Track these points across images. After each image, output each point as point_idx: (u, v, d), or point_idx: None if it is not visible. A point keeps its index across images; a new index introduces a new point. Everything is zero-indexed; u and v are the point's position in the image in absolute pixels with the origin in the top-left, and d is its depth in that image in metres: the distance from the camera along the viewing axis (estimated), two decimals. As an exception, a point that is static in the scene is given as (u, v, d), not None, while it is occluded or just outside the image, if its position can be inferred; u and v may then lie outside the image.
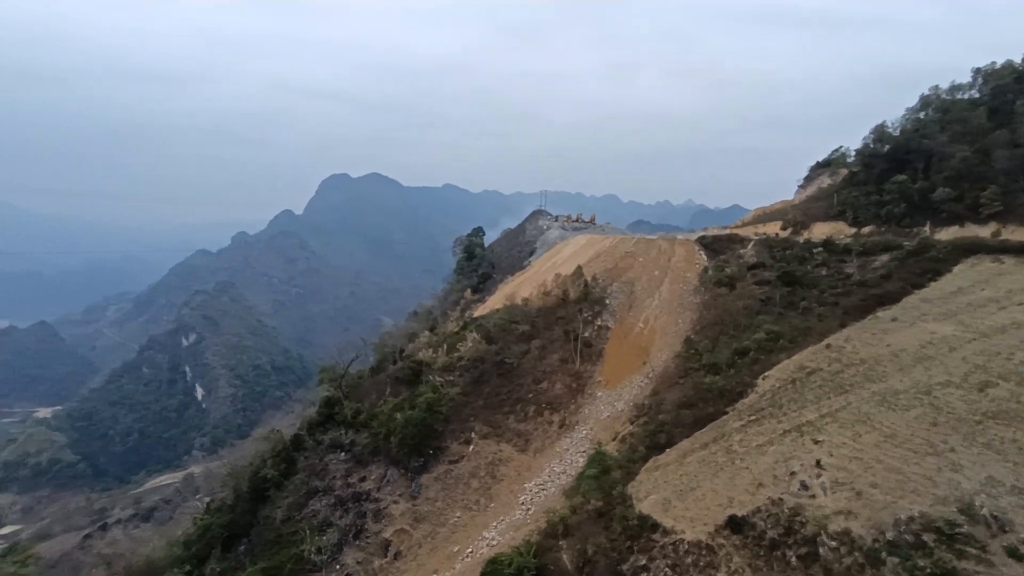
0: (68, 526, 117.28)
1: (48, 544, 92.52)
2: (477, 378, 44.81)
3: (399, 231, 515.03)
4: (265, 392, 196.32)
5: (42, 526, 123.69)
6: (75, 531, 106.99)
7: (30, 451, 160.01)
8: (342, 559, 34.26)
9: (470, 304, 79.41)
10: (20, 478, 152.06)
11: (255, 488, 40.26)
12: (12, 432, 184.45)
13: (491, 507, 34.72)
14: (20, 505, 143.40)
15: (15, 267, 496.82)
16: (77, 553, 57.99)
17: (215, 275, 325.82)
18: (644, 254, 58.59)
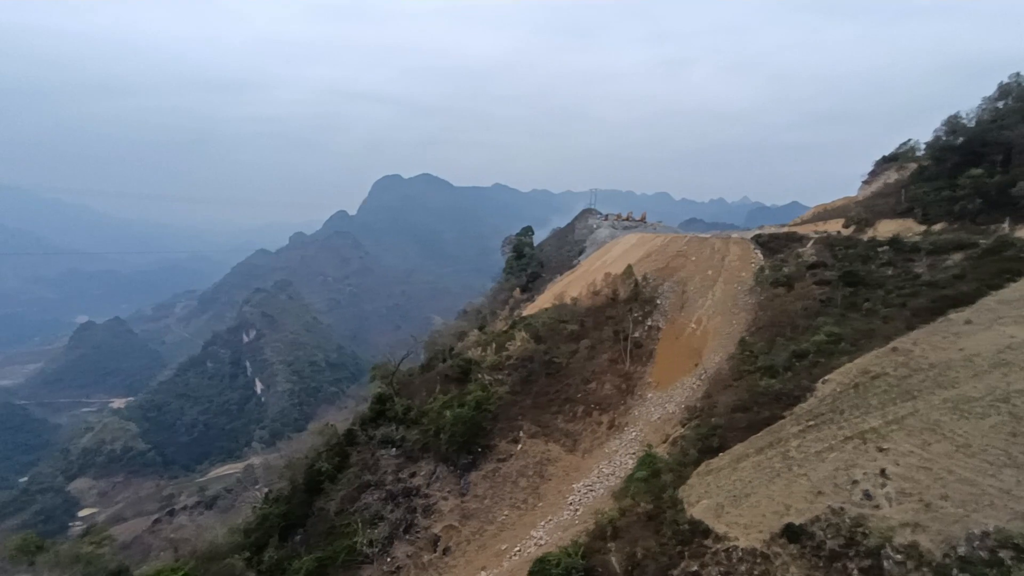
0: (139, 511, 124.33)
1: (121, 527, 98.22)
2: (526, 377, 44.85)
3: (449, 231, 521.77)
4: (320, 387, 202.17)
5: (116, 510, 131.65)
6: (145, 516, 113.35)
7: (106, 439, 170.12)
8: (392, 552, 34.91)
9: (519, 303, 79.53)
10: (97, 464, 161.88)
11: (310, 480, 41.48)
12: (90, 421, 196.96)
13: (539, 506, 34.69)
14: (97, 489, 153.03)
15: (93, 266, 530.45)
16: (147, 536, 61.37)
17: (274, 274, 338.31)
18: (697, 253, 57.24)
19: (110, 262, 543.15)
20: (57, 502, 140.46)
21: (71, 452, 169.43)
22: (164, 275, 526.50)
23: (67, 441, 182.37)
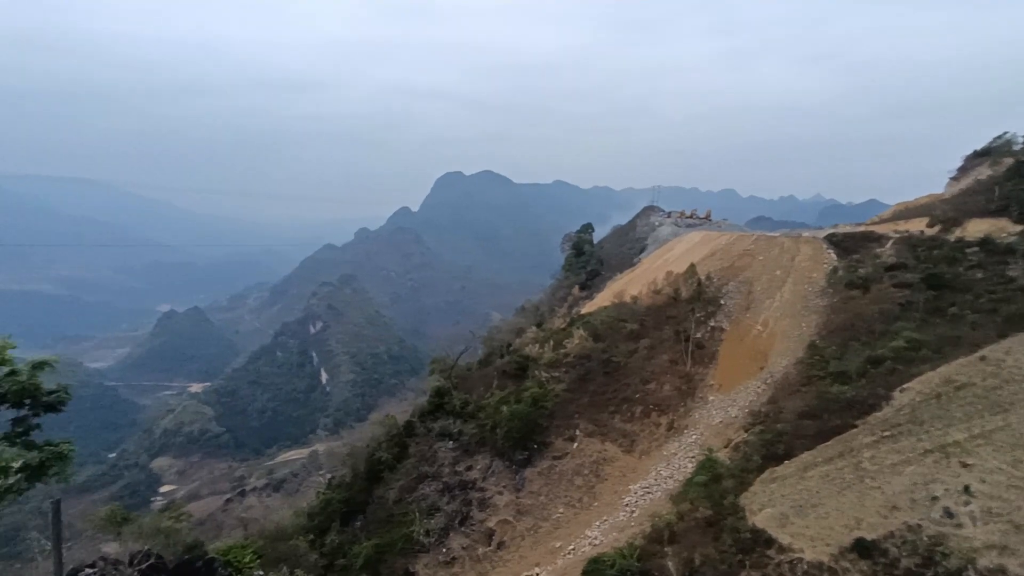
0: (213, 490, 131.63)
1: (197, 504, 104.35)
2: (583, 375, 44.49)
3: (509, 227, 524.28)
4: (381, 379, 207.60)
5: (192, 488, 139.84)
6: (219, 495, 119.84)
7: (184, 421, 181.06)
8: (448, 543, 35.44)
9: (577, 301, 79.00)
10: (176, 444, 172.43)
11: (371, 469, 42.68)
12: (171, 403, 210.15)
13: (594, 506, 34.38)
14: (176, 468, 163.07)
15: (174, 258, 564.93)
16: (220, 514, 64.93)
17: (339, 268, 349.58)
18: (764, 252, 55.10)
19: (188, 254, 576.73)
20: (141, 478, 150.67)
21: (154, 432, 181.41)
22: (238, 267, 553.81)
23: (150, 422, 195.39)
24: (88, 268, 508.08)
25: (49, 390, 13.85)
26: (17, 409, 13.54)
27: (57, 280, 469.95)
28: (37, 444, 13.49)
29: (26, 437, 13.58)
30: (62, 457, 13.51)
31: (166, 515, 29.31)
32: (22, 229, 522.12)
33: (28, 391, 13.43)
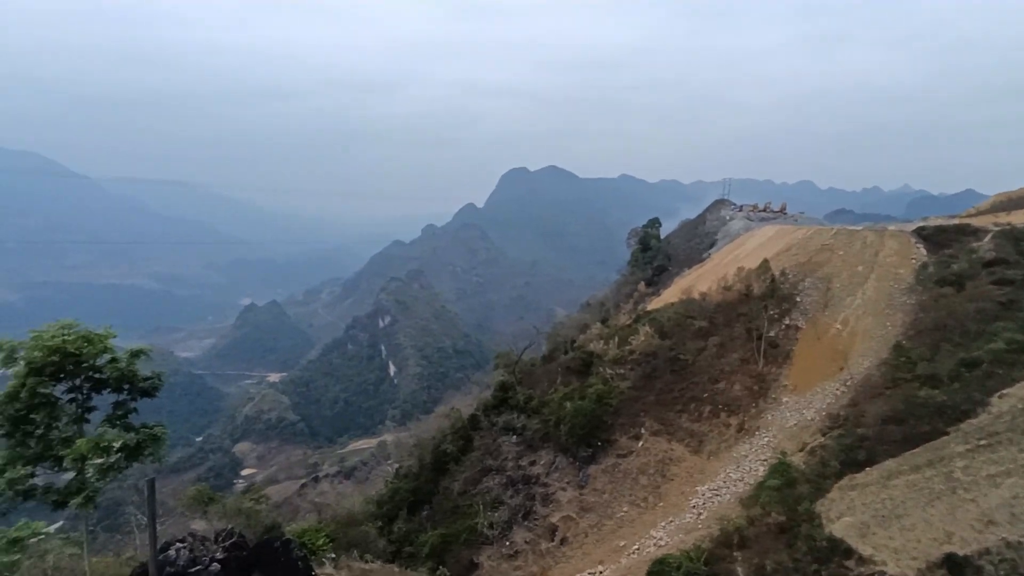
0: (290, 475, 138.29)
1: (274, 488, 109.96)
2: (649, 373, 43.67)
3: (574, 223, 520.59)
4: (447, 373, 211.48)
5: (270, 472, 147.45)
6: (294, 480, 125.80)
7: (264, 409, 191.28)
8: (511, 537, 35.73)
9: (643, 297, 77.53)
10: (256, 431, 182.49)
11: (437, 460, 43.60)
12: (251, 392, 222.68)
13: (660, 506, 33.73)
14: (256, 453, 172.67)
15: (254, 254, 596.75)
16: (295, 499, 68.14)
17: (407, 264, 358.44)
18: (845, 247, 52.12)
19: (268, 251, 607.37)
20: (225, 461, 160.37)
21: (236, 418, 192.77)
22: (312, 263, 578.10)
23: (233, 409, 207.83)
24: (179, 264, 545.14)
25: (145, 377, 14.95)
26: (117, 393, 14.70)
27: (152, 275, 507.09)
28: (134, 426, 14.61)
29: (125, 420, 14.73)
30: (156, 439, 14.58)
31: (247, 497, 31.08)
32: (123, 228, 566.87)
33: (127, 377, 14.55)
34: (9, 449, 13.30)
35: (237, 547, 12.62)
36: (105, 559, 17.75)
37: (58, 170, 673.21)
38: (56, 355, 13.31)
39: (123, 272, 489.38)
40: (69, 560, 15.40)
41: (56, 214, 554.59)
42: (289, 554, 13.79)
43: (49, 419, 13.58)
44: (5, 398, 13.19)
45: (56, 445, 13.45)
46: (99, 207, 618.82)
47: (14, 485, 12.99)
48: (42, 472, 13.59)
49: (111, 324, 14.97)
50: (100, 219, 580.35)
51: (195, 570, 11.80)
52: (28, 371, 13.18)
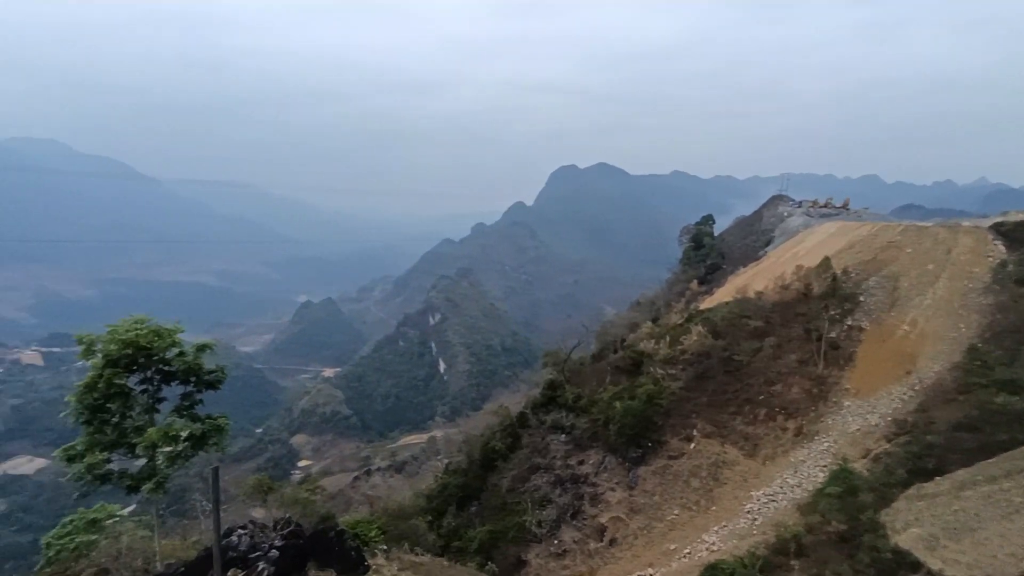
0: (343, 467, 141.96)
1: (329, 479, 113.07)
2: (701, 373, 42.67)
3: (624, 220, 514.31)
4: (495, 370, 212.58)
5: (325, 464, 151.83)
6: (348, 472, 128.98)
7: (319, 402, 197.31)
8: (560, 535, 35.62)
9: (696, 296, 75.82)
10: (311, 423, 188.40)
11: (485, 457, 43.88)
12: (307, 386, 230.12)
13: (712, 510, 32.93)
14: (311, 445, 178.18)
15: (308, 253, 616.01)
16: (348, 491, 69.79)
17: (457, 262, 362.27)
18: (914, 244, 49.50)
19: (321, 249, 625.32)
20: (282, 452, 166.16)
21: (293, 411, 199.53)
22: (365, 261, 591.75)
23: (290, 402, 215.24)
24: (239, 262, 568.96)
25: (209, 370, 15.66)
26: (184, 385, 15.46)
27: (214, 273, 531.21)
28: (200, 417, 15.33)
29: (191, 411, 15.48)
30: (220, 429, 15.26)
31: (303, 487, 32.12)
32: (188, 228, 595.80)
33: (193, 370, 15.28)
34: (88, 436, 14.18)
35: (294, 535, 13.07)
36: (173, 542, 18.67)
37: (129, 173, 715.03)
38: (130, 348, 14.10)
39: (187, 270, 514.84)
40: (141, 542, 16.26)
41: (127, 215, 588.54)
42: (343, 544, 14.18)
43: (123, 408, 14.40)
44: (84, 388, 14.06)
45: (130, 433, 14.26)
46: (166, 208, 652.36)
47: (92, 469, 13.84)
48: (117, 458, 14.43)
49: (178, 319, 15.75)
50: (167, 219, 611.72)
51: (255, 556, 12.29)
52: (105, 363, 14.01)
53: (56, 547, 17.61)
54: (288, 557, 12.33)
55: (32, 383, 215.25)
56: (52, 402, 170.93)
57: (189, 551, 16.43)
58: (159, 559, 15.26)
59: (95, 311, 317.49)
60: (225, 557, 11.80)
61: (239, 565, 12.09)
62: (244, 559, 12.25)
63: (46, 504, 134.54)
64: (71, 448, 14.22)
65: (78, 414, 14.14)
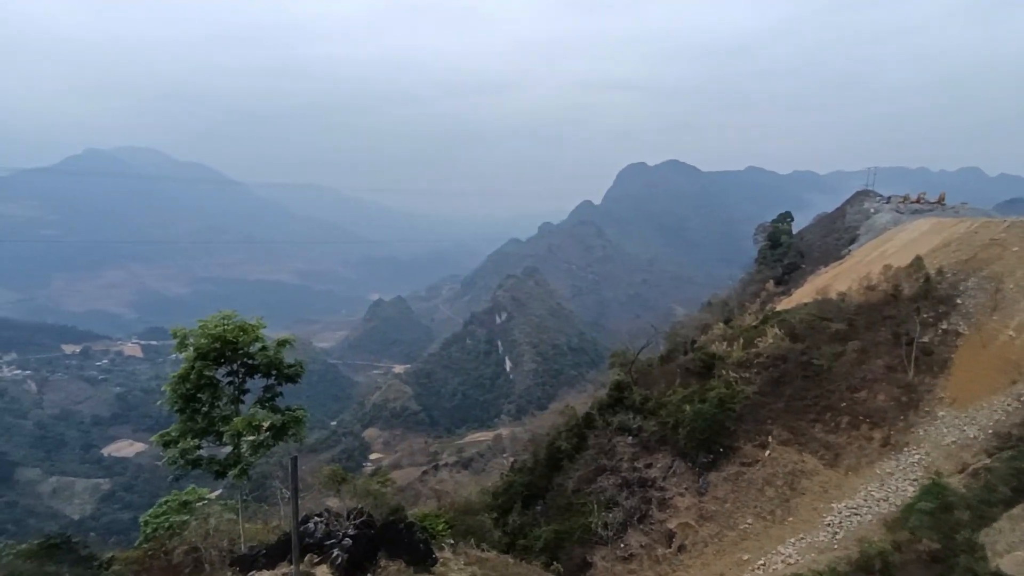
0: (412, 461, 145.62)
1: (398, 473, 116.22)
2: (777, 378, 40.83)
3: (695, 218, 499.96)
4: (562, 370, 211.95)
5: (395, 458, 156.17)
6: (416, 466, 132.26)
7: (389, 398, 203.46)
8: (626, 539, 35.06)
9: (772, 297, 72.73)
10: (382, 418, 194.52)
11: (551, 456, 43.81)
12: (378, 382, 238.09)
13: (789, 521, 31.45)
14: (382, 439, 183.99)
15: (380, 253, 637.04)
16: (417, 484, 71.53)
17: (523, 261, 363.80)
18: (1021, 242, 45.34)
19: (393, 249, 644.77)
20: (355, 445, 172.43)
21: (365, 406, 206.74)
22: (433, 261, 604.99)
23: (362, 396, 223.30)
24: (316, 262, 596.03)
25: (289, 364, 16.48)
26: (266, 378, 16.34)
27: (294, 271, 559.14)
28: (280, 409, 16.16)
29: (272, 402, 16.35)
30: (298, 421, 16.04)
31: (374, 479, 33.19)
32: (269, 229, 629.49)
33: (274, 364, 16.13)
34: (181, 423, 15.26)
35: (366, 525, 13.52)
36: (255, 526, 19.77)
37: (218, 178, 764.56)
38: (218, 342, 15.05)
39: (270, 269, 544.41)
40: (227, 524, 17.33)
41: (216, 217, 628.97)
42: (412, 536, 14.53)
43: (212, 399, 15.41)
44: (178, 379, 15.15)
45: (217, 422, 15.24)
46: (250, 210, 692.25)
47: (185, 455, 14.90)
48: (206, 445, 15.45)
49: (261, 315, 16.67)
50: (251, 221, 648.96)
51: (330, 543, 12.81)
52: (196, 356, 15.03)
53: (153, 525, 19.08)
54: (360, 546, 12.77)
55: (133, 373, 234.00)
56: (150, 391, 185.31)
57: (269, 535, 17.35)
58: (243, 541, 16.21)
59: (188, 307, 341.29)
60: (302, 543, 12.36)
61: (315, 551, 12.65)
62: (320, 545, 12.80)
63: (144, 485, 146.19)
64: (166, 434, 15.36)
65: (172, 403, 15.25)
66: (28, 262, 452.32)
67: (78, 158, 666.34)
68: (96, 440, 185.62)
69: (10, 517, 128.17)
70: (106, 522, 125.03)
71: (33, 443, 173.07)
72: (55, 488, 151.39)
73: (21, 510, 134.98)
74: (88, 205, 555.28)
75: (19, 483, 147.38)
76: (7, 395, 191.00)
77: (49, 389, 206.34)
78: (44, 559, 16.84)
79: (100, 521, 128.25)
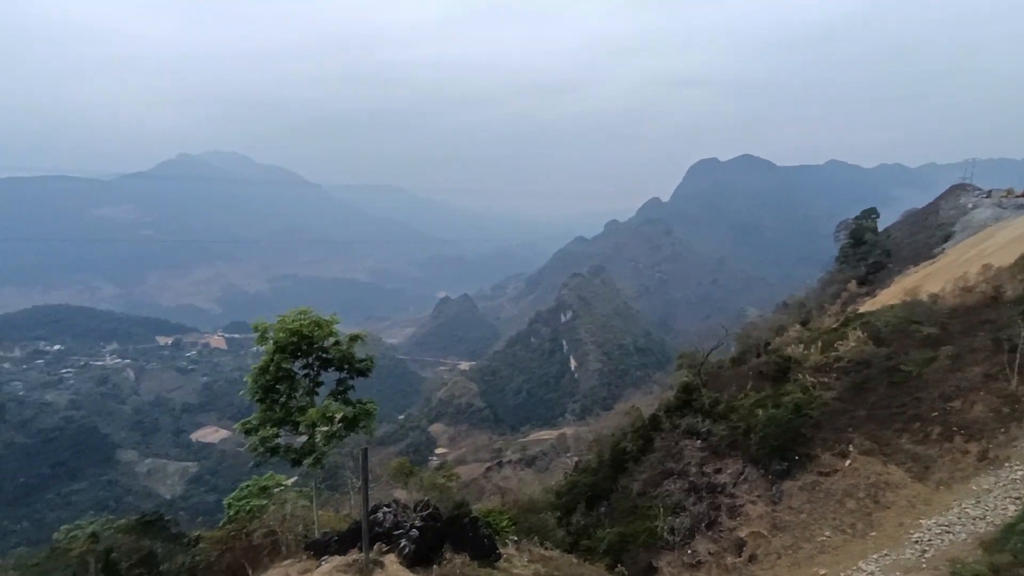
0: (476, 457, 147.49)
1: (463, 468, 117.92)
2: (859, 384, 38.52)
3: (769, 216, 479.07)
4: (627, 370, 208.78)
5: (459, 453, 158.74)
6: (480, 462, 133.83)
7: (455, 394, 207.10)
8: (693, 545, 34.10)
9: (854, 298, 68.79)
10: (448, 413, 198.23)
11: (615, 458, 43.26)
12: (444, 378, 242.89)
13: (871, 535, 29.62)
14: (447, 434, 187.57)
15: (448, 252, 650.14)
16: (481, 480, 72.38)
17: (589, 260, 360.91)
18: None
19: (460, 248, 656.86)
20: (422, 439, 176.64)
21: (431, 401, 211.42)
22: (500, 260, 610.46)
23: (429, 392, 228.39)
24: (387, 260, 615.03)
25: (360, 359, 17.08)
26: (339, 372, 17.00)
27: (366, 270, 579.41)
28: (352, 401, 16.77)
29: (344, 395, 16.99)
30: (368, 414, 16.61)
31: (440, 473, 33.89)
32: (344, 229, 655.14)
33: (346, 358, 16.76)
34: (261, 413, 16.12)
35: (432, 518, 13.81)
36: (328, 513, 20.62)
37: (295, 180, 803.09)
38: (295, 336, 15.80)
39: (343, 267, 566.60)
40: (302, 510, 18.16)
41: (294, 217, 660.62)
42: (477, 530, 14.73)
43: (289, 390, 16.19)
44: (258, 370, 16.02)
45: (294, 412, 15.98)
46: (326, 211, 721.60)
47: (264, 442, 15.72)
48: (284, 434, 16.24)
49: (334, 311, 17.35)
50: (327, 221, 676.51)
51: (398, 533, 13.17)
52: (275, 349, 15.84)
53: (235, 507, 20.26)
54: (427, 537, 13.06)
55: (218, 364, 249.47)
56: (233, 381, 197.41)
57: (341, 523, 18.04)
58: (316, 527, 16.93)
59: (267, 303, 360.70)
60: (371, 532, 12.77)
61: (383, 540, 13.04)
62: (388, 535, 13.18)
63: (228, 469, 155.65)
64: (248, 422, 16.27)
65: (253, 393, 16.13)
66: (128, 260, 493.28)
67: (171, 163, 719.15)
68: (185, 426, 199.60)
69: (111, 495, 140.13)
70: (194, 503, 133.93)
71: (131, 427, 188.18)
72: (149, 469, 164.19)
73: (120, 488, 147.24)
74: (180, 207, 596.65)
75: (119, 463, 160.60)
76: (109, 382, 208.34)
77: (145, 377, 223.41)
78: (140, 534, 18.29)
79: (189, 501, 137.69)
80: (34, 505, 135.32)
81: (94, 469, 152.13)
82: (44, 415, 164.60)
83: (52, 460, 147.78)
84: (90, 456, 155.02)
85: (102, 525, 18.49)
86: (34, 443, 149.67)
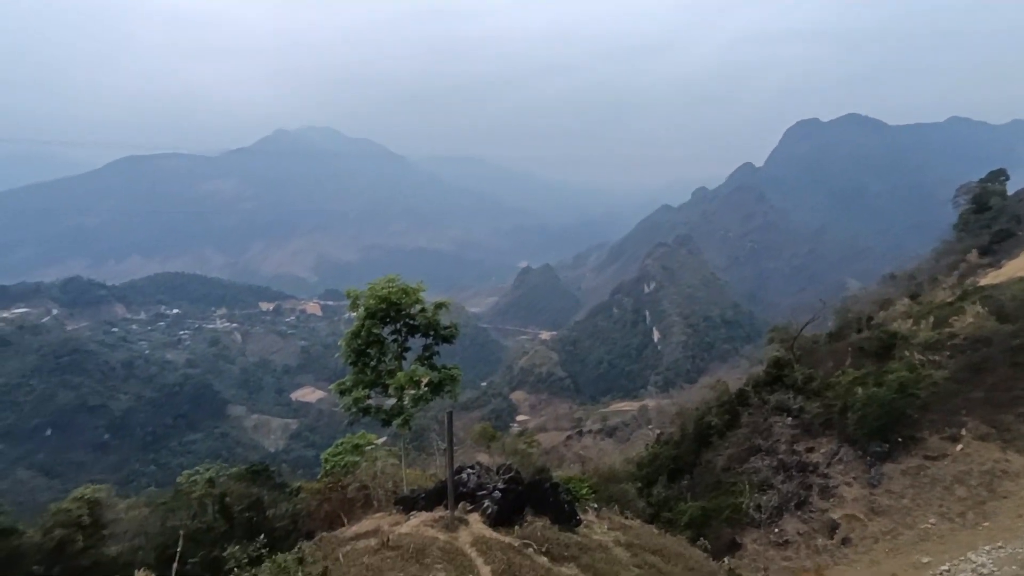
0: (557, 425, 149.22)
1: (543, 435, 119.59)
2: (977, 363, 35.28)
3: (877, 181, 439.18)
4: (713, 343, 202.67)
5: (540, 421, 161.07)
6: (560, 431, 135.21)
7: (536, 363, 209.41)
8: (781, 524, 32.99)
9: (975, 269, 62.66)
10: (529, 382, 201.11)
11: (699, 432, 42.33)
12: (526, 347, 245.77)
13: (984, 526, 27.42)
14: (528, 402, 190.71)
15: (531, 221, 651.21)
16: (561, 448, 73.26)
17: (675, 229, 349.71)
18: None
19: (543, 218, 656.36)
20: (503, 406, 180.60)
21: (513, 369, 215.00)
22: (582, 230, 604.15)
23: (511, 360, 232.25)
24: (470, 231, 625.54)
25: (445, 326, 17.62)
26: (425, 338, 17.63)
27: (450, 240, 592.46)
28: (437, 367, 17.39)
29: (430, 360, 17.64)
30: (453, 379, 17.18)
31: (521, 440, 34.64)
32: (430, 200, 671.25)
33: (432, 325, 17.34)
34: (354, 375, 17.07)
35: (514, 481, 14.17)
36: (414, 472, 21.65)
37: (384, 153, 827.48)
38: (384, 303, 16.51)
39: (429, 237, 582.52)
40: (391, 468, 19.18)
41: (382, 189, 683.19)
42: (557, 496, 14.97)
43: (379, 354, 17.01)
44: (351, 335, 16.92)
45: (384, 375, 16.80)
46: (412, 182, 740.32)
47: (357, 403, 16.67)
48: (375, 395, 17.13)
49: (420, 280, 17.93)
50: (412, 192, 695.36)
51: (481, 493, 13.64)
52: (366, 315, 16.64)
53: (331, 463, 21.71)
54: (509, 499, 13.43)
55: (314, 329, 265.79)
56: (328, 346, 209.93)
57: (427, 481, 18.90)
58: (405, 484, 17.84)
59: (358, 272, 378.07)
60: (456, 491, 13.31)
61: (467, 500, 13.56)
62: (472, 495, 13.69)
63: (324, 427, 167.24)
64: (342, 384, 17.29)
65: (346, 356, 17.09)
66: (233, 231, 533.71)
67: (269, 139, 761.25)
68: (286, 386, 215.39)
69: (223, 445, 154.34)
70: (295, 456, 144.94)
71: (239, 385, 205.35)
72: (255, 424, 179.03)
73: (231, 440, 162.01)
74: (277, 180, 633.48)
75: (229, 417, 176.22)
76: (220, 343, 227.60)
77: (250, 340, 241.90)
78: (249, 482, 20.13)
79: (290, 455, 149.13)
80: (160, 451, 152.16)
81: (208, 422, 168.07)
82: (166, 372, 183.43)
83: (174, 412, 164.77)
84: (205, 410, 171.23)
85: (217, 472, 20.47)
86: (159, 396, 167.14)
